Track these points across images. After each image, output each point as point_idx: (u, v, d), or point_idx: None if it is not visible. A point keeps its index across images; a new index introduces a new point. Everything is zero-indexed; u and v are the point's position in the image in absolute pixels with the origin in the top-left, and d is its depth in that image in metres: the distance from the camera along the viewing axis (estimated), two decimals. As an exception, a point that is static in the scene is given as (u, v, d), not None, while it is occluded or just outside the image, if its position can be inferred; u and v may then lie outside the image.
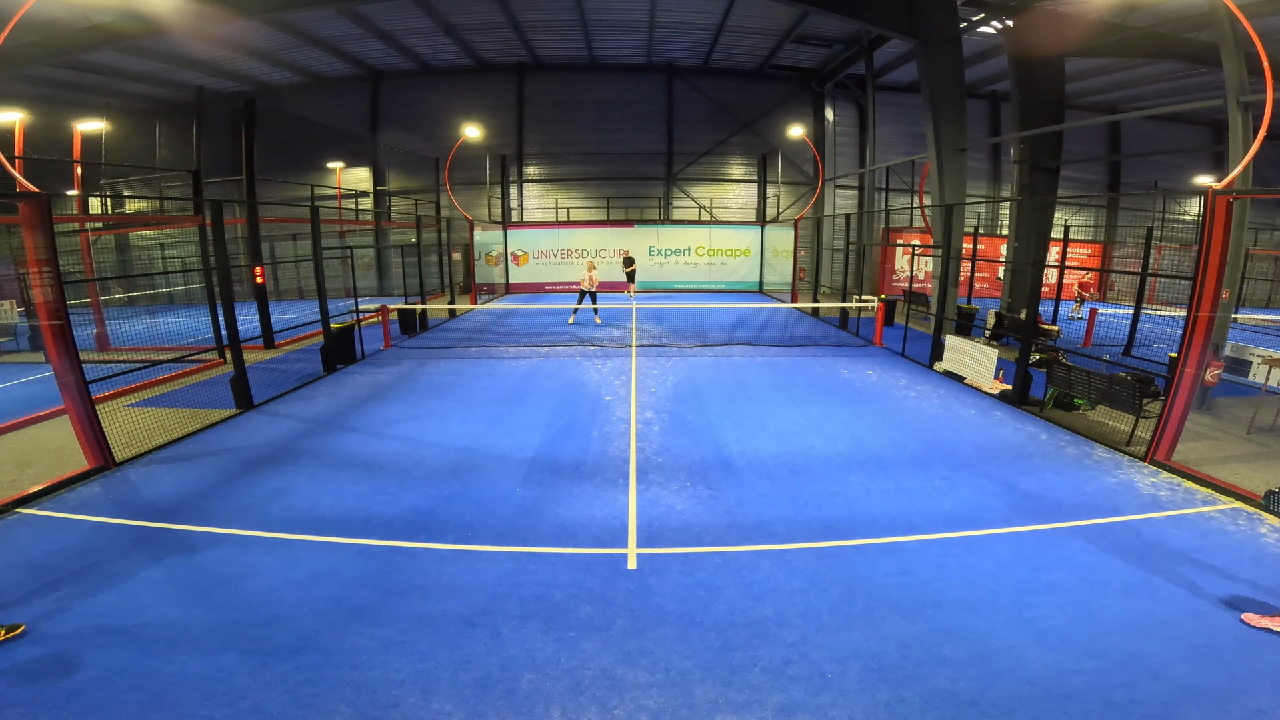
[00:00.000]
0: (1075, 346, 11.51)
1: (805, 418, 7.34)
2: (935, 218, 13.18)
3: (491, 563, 4.15)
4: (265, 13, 14.68)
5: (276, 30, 17.44)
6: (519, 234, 22.48)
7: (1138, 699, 2.93)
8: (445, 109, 22.24)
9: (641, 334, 13.20)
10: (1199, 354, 5.57)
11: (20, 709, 2.85)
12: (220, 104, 20.82)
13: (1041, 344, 10.23)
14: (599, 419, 7.28)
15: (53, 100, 18.57)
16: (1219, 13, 7.92)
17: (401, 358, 11.06)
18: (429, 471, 5.73)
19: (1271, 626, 3.41)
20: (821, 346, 11.87)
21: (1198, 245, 5.57)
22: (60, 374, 5.52)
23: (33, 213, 5.35)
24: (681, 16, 18.13)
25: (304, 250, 18.40)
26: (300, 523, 4.71)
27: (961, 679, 3.06)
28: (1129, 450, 6.25)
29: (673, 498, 5.16)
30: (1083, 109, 21.96)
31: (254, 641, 3.33)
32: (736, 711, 2.86)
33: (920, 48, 12.48)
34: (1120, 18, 13.52)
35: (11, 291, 12.90)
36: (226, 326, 7.92)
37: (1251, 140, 6.54)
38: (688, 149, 23.12)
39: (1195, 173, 24.36)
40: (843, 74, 21.47)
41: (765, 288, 22.56)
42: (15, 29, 6.69)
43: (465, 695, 2.97)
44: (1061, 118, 12.92)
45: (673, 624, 3.50)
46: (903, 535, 4.51)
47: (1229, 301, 7.85)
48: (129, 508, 4.98)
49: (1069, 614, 3.57)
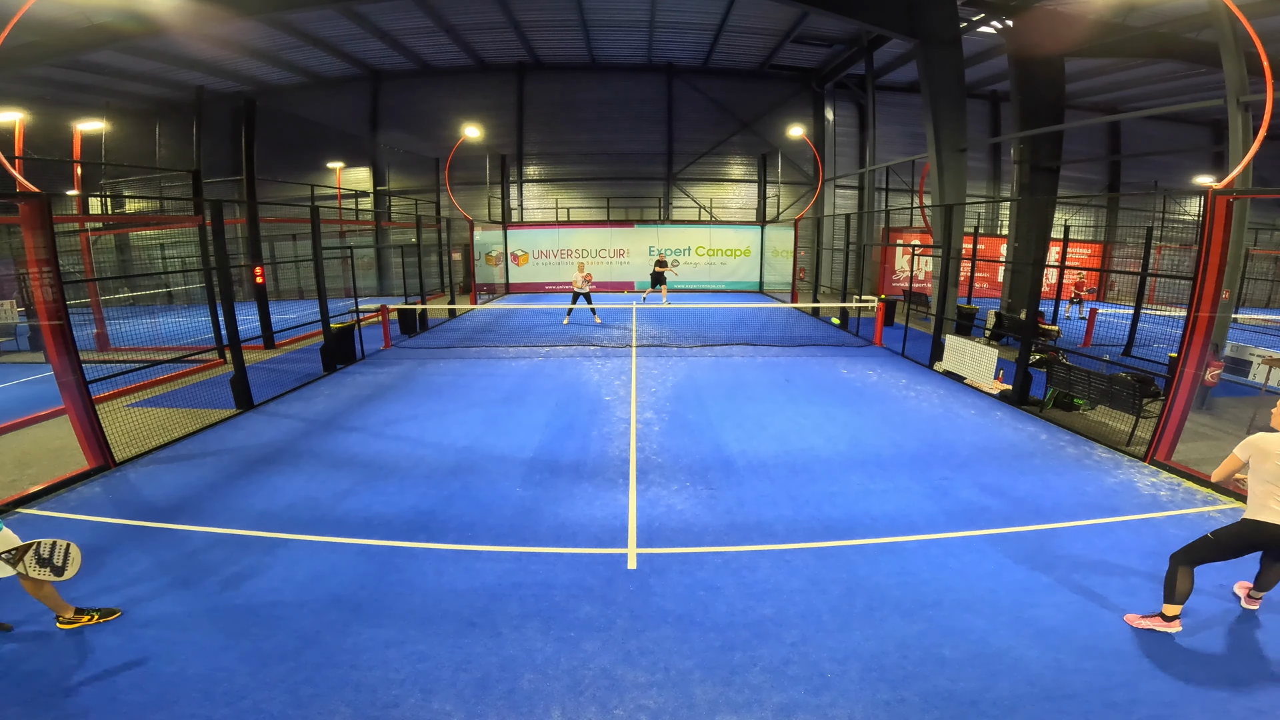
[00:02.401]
0: (1075, 346, 11.51)
1: (805, 418, 7.34)
2: (935, 218, 13.18)
3: (491, 563, 4.15)
4: (265, 12, 14.68)
5: (277, 30, 17.44)
6: (519, 234, 22.48)
7: (1137, 699, 2.93)
8: (445, 109, 22.24)
9: (641, 334, 13.20)
10: (1199, 354, 5.57)
11: (20, 709, 2.85)
12: (220, 104, 20.80)
13: (1041, 344, 10.23)
14: (599, 419, 7.28)
15: (53, 100, 18.58)
16: (1219, 13, 7.93)
17: (401, 358, 11.05)
18: (429, 471, 5.73)
19: (1153, 626, 3.44)
20: (822, 347, 11.87)
21: (1198, 245, 5.57)
22: (60, 374, 5.52)
23: (33, 213, 5.35)
24: (681, 16, 18.13)
25: (304, 250, 18.40)
26: (300, 523, 4.71)
27: (961, 679, 3.06)
28: (1129, 450, 6.25)
29: (673, 498, 5.15)
30: (1083, 109, 21.95)
31: (254, 641, 3.33)
32: (736, 711, 2.86)
33: (920, 48, 12.48)
34: (1120, 18, 13.52)
35: (12, 291, 12.90)
36: (226, 326, 7.92)
37: (1251, 140, 6.54)
38: (688, 149, 23.12)
39: (1195, 173, 24.36)
40: (843, 74, 21.46)
41: (765, 288, 22.56)
42: (15, 28, 6.69)
43: (465, 695, 2.97)
44: (1061, 118, 12.92)
45: (673, 624, 3.49)
46: (903, 535, 4.51)
47: (1229, 301, 7.86)
48: (129, 508, 4.97)
49: (1069, 614, 3.57)
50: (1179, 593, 3.33)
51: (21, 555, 3.32)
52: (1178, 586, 3.33)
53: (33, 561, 3.34)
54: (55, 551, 3.39)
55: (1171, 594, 3.35)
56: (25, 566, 3.31)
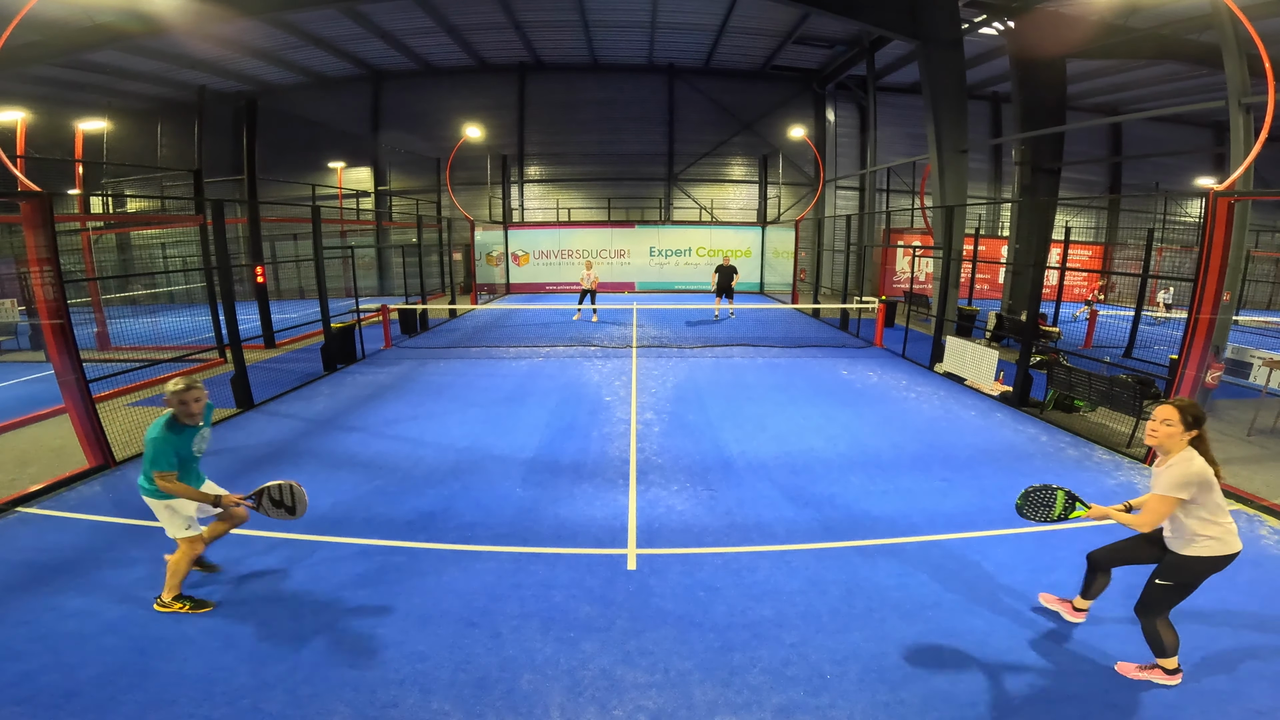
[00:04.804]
0: (1076, 348, 11.50)
1: (805, 419, 7.33)
2: (936, 219, 13.18)
3: (491, 563, 4.15)
4: (267, 12, 14.71)
5: (278, 30, 17.47)
6: (520, 234, 22.50)
7: (1137, 700, 2.92)
8: (446, 109, 22.26)
9: (642, 334, 13.19)
10: (1200, 356, 5.56)
11: (19, 708, 2.85)
12: (222, 103, 20.80)
13: (1042, 345, 10.22)
14: (599, 419, 7.27)
15: (55, 99, 18.60)
16: (1220, 14, 7.92)
17: (402, 357, 11.06)
18: (429, 471, 5.73)
19: (1061, 611, 3.49)
20: (822, 347, 11.87)
21: (1199, 247, 5.57)
22: (61, 373, 5.53)
23: (34, 212, 5.36)
24: (683, 17, 18.15)
25: (305, 250, 18.41)
26: (300, 522, 4.68)
27: (961, 679, 3.06)
28: (1129, 452, 6.24)
29: (673, 498, 5.15)
30: (1084, 110, 21.95)
31: (253, 641, 3.33)
32: (736, 712, 2.86)
33: (922, 49, 12.48)
34: (1122, 19, 13.53)
35: (13, 290, 12.92)
36: (227, 326, 7.93)
37: (1253, 142, 6.54)
38: (689, 149, 23.13)
39: (1196, 174, 24.36)
40: (844, 75, 21.47)
41: (766, 289, 22.56)
42: (18, 28, 6.69)
43: (464, 695, 2.96)
44: (1063, 119, 12.92)
45: (672, 625, 3.49)
46: (903, 536, 4.51)
47: (1230, 304, 7.85)
48: (129, 507, 4.97)
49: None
50: (1170, 645, 2.99)
51: (260, 499, 3.47)
52: (1167, 640, 2.99)
53: (269, 505, 3.47)
54: (284, 493, 3.49)
55: (1164, 649, 2.99)
56: (266, 510, 3.48)
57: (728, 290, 14.60)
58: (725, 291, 14.59)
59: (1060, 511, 3.11)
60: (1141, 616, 3.04)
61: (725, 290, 14.58)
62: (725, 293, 14.61)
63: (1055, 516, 3.12)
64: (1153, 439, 2.89)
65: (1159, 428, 2.85)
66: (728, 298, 14.73)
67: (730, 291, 14.66)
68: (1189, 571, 2.90)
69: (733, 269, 14.65)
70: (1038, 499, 3.17)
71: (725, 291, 14.59)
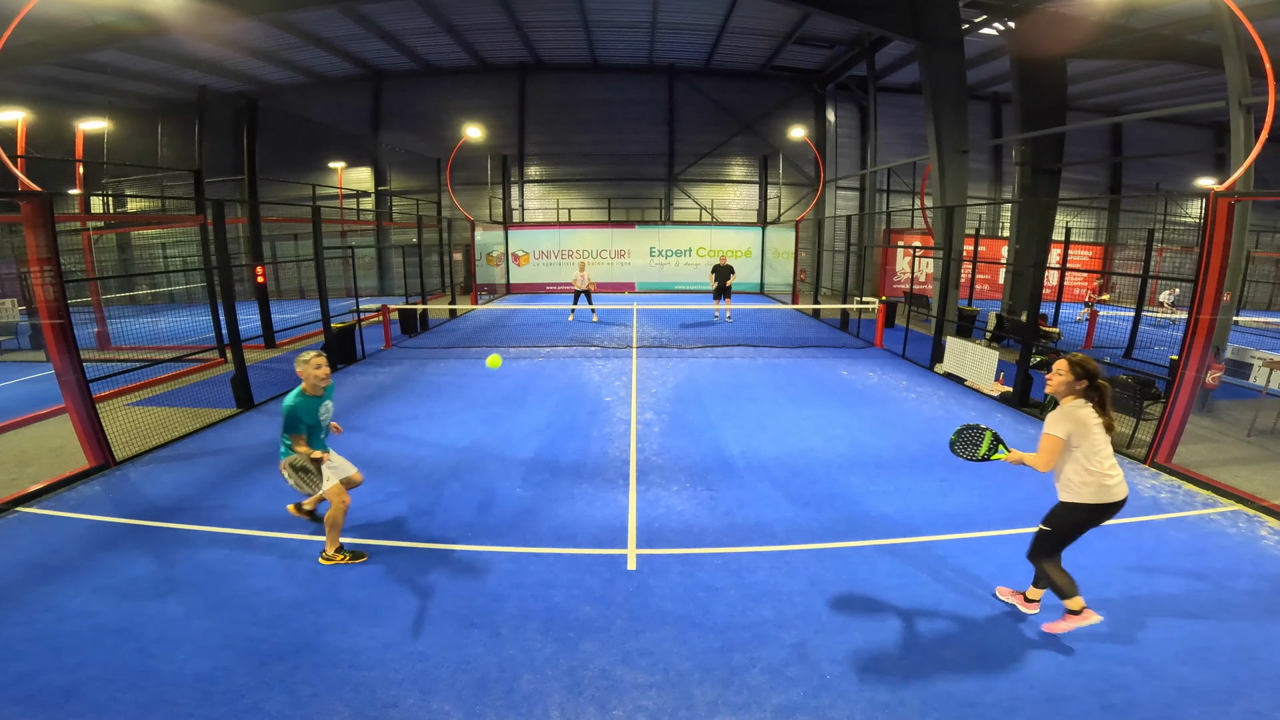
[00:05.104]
0: (1076, 349, 11.49)
1: (805, 419, 7.33)
2: (936, 219, 13.18)
3: (491, 563, 4.15)
4: (268, 12, 14.70)
5: (279, 30, 17.47)
6: (520, 234, 22.51)
7: (1136, 700, 2.92)
8: (447, 109, 22.27)
9: (642, 335, 13.19)
10: (1200, 356, 5.56)
11: (19, 708, 2.85)
12: (223, 103, 20.80)
13: (1042, 346, 10.22)
14: (599, 419, 7.27)
15: (55, 99, 18.60)
16: (1221, 15, 7.92)
17: (402, 358, 11.06)
18: (429, 471, 5.74)
19: (1018, 605, 3.59)
20: (822, 348, 11.87)
21: (1199, 248, 5.57)
22: (61, 372, 5.53)
23: (35, 212, 5.36)
24: (683, 17, 18.15)
25: (305, 250, 18.42)
26: (300, 522, 4.71)
27: (961, 680, 3.06)
28: (1129, 453, 6.24)
29: (673, 498, 5.15)
30: (1084, 111, 21.95)
31: (253, 641, 3.33)
32: (736, 713, 2.86)
33: (922, 49, 12.48)
34: (1122, 19, 13.53)
35: (13, 290, 12.92)
36: (227, 325, 7.93)
37: (1253, 142, 6.54)
38: (689, 150, 23.13)
39: (1197, 175, 24.34)
40: (844, 75, 21.47)
41: (766, 289, 22.56)
42: (18, 28, 6.69)
43: (464, 695, 2.96)
44: (1063, 119, 12.93)
45: (672, 625, 3.49)
46: (903, 537, 4.51)
47: (1230, 304, 7.85)
48: (129, 507, 4.98)
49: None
50: (1064, 587, 3.28)
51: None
52: (1059, 582, 3.28)
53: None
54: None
55: (1060, 591, 3.29)
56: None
57: (725, 290, 14.48)
58: (723, 292, 14.47)
59: (985, 451, 3.39)
60: (1032, 561, 3.38)
61: (723, 290, 14.46)
62: (723, 293, 14.50)
63: (980, 456, 3.39)
64: (1049, 387, 3.24)
65: (1053, 377, 3.21)
66: (725, 298, 14.62)
67: (728, 291, 14.51)
68: (1066, 518, 3.22)
69: (730, 268, 14.47)
70: (969, 437, 3.45)
71: (723, 292, 14.47)
